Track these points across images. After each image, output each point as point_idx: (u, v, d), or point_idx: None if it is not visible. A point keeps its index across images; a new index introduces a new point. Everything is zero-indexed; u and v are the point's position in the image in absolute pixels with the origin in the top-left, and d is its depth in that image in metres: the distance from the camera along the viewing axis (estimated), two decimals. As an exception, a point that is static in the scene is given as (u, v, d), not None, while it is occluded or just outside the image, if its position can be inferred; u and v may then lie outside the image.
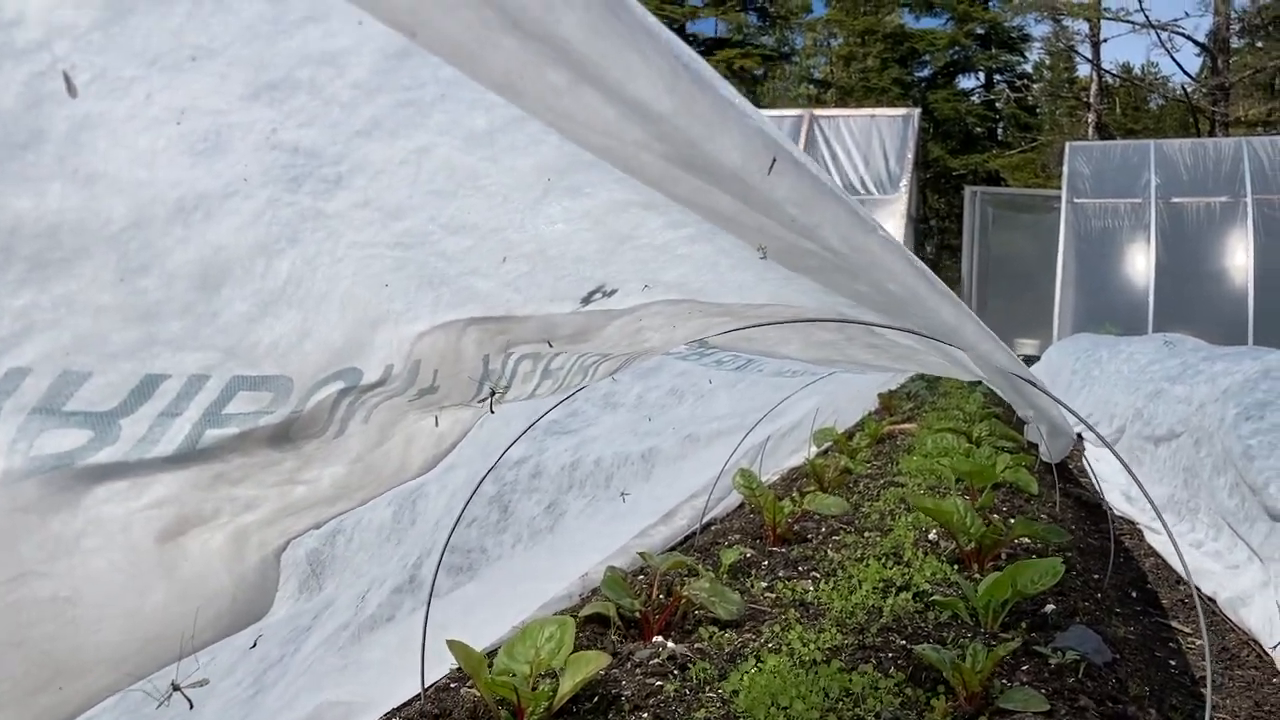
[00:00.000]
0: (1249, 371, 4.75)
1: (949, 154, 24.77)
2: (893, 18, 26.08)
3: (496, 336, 1.25)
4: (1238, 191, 15.84)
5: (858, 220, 1.03)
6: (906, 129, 17.43)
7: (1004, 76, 26.54)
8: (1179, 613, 3.53)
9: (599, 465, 2.79)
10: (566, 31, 0.56)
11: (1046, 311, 16.46)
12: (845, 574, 3.15)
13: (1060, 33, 24.36)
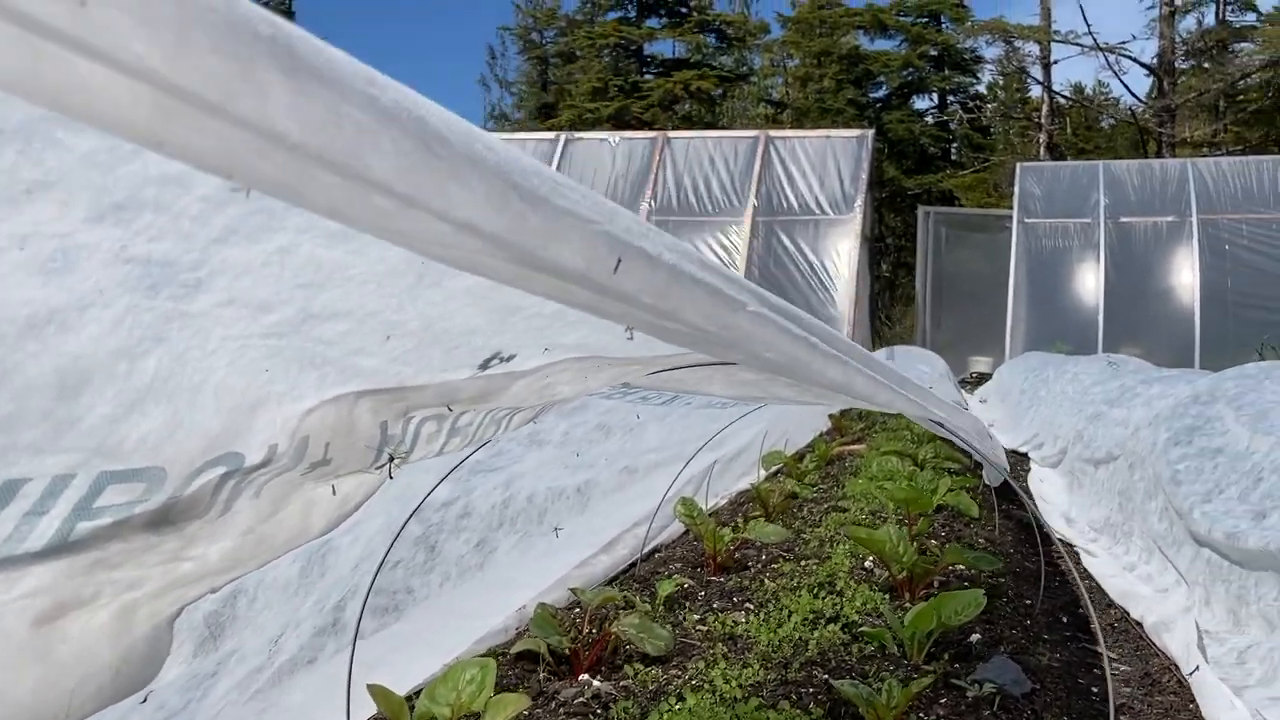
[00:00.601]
0: (1180, 396, 4.87)
1: (904, 174, 25.09)
2: (848, 39, 26.41)
3: (393, 404, 1.28)
4: (1183, 211, 16.18)
5: (723, 300, 1.07)
6: (860, 150, 17.63)
7: (957, 97, 26.94)
8: (1108, 638, 3.60)
9: (532, 501, 2.82)
10: (379, 174, 0.60)
11: (1000, 329, 16.69)
12: (778, 605, 3.19)
13: (1012, 54, 24.80)
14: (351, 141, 0.59)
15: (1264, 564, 3.08)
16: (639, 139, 18.92)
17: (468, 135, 0.73)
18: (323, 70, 0.58)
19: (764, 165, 17.70)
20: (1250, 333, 14.60)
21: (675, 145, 18.38)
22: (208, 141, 0.54)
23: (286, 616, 1.88)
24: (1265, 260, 15.46)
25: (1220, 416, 4.34)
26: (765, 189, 17.55)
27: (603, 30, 25.49)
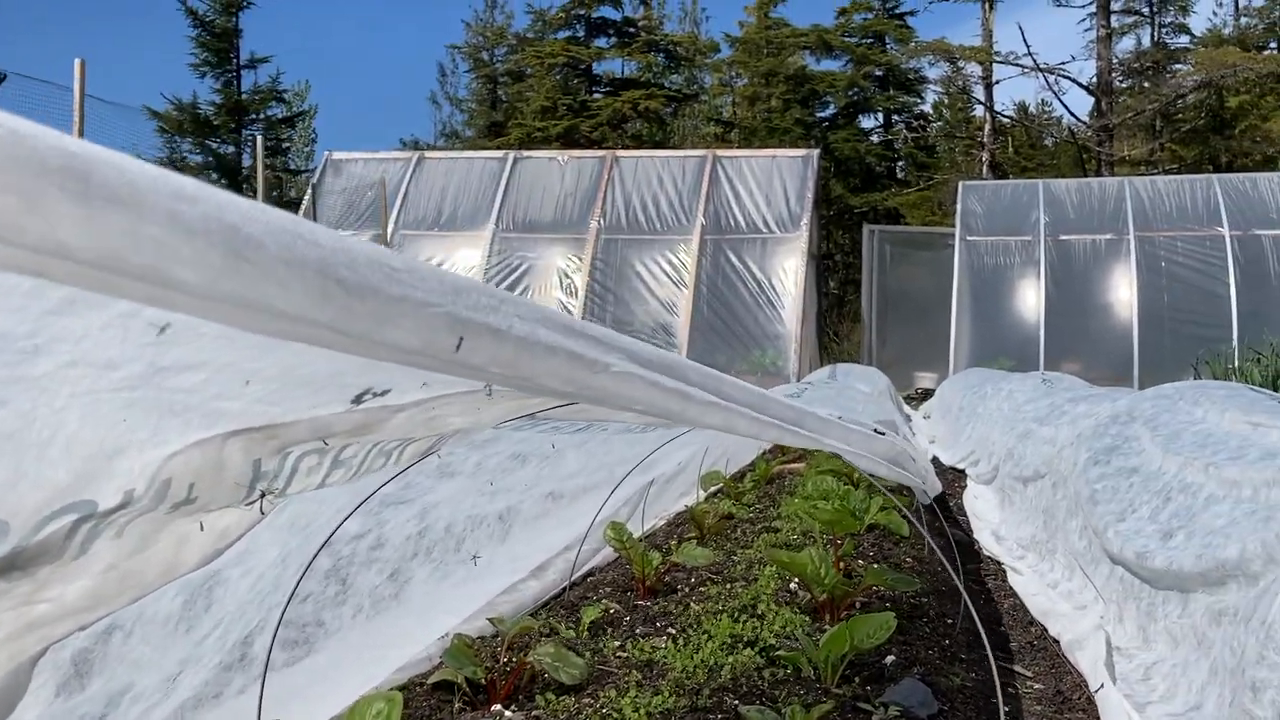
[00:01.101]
0: (1101, 416, 4.98)
1: (850, 192, 25.39)
2: (794, 60, 26.72)
3: (266, 442, 1.30)
4: (1121, 229, 16.52)
5: (583, 364, 1.09)
6: (806, 169, 17.82)
7: (902, 117, 27.34)
8: (1026, 655, 3.68)
9: (450, 531, 2.83)
10: (185, 283, 0.62)
11: (944, 345, 16.91)
12: (699, 629, 3.22)
13: (955, 74, 25.25)
14: (151, 257, 0.61)
15: (1168, 583, 3.17)
16: (588, 157, 19.00)
17: (289, 236, 0.75)
18: (121, 194, 0.60)
19: (712, 184, 17.85)
20: (1187, 348, 14.90)
21: (624, 164, 18.47)
22: (10, 254, 0.57)
23: (185, 652, 1.87)
24: (1200, 277, 15.83)
25: (1137, 436, 4.44)
26: (713, 208, 17.69)
27: (551, 49, 25.58)
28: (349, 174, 19.24)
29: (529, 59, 26.52)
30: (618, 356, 1.22)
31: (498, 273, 17.66)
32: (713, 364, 10.05)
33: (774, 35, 26.51)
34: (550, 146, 22.84)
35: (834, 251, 27.46)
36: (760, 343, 16.77)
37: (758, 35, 26.82)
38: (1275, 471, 2.97)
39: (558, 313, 1.10)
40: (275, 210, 0.72)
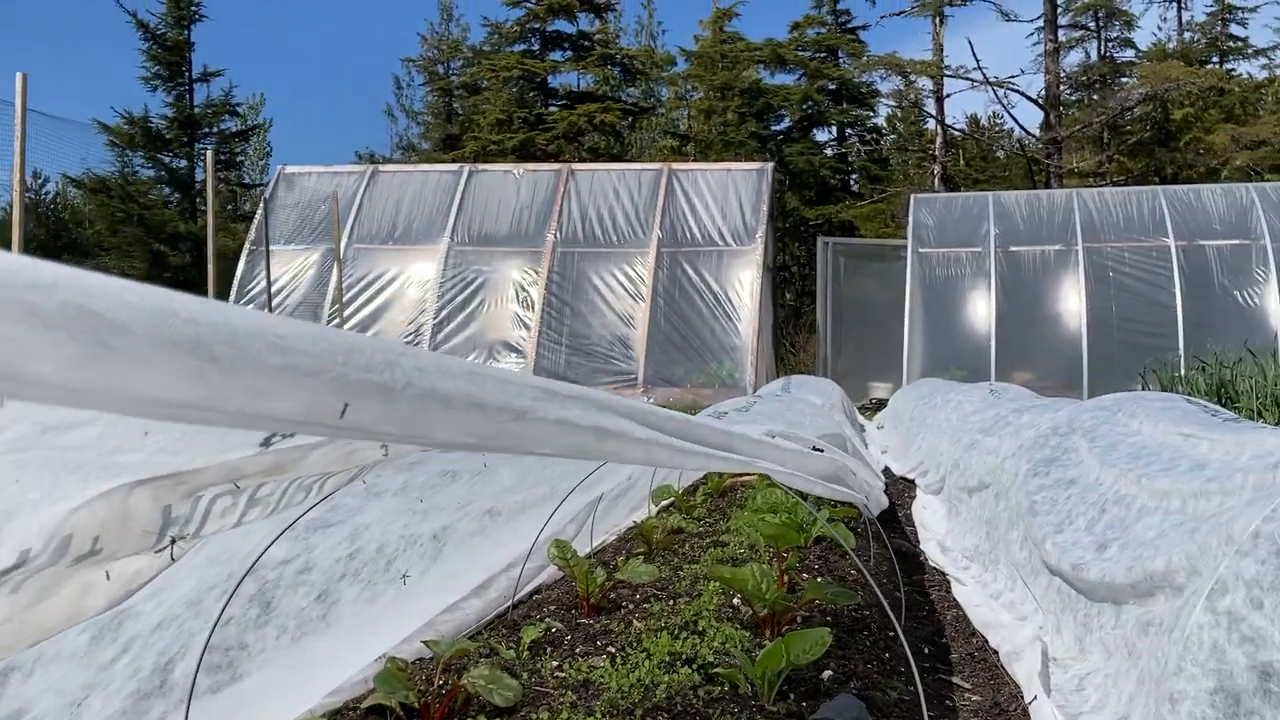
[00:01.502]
0: (1042, 427, 5.04)
1: (805, 204, 25.59)
2: (749, 73, 26.92)
3: (175, 489, 1.28)
4: (1070, 240, 16.78)
5: (487, 414, 1.07)
6: (761, 182, 17.96)
7: (855, 130, 27.63)
8: (966, 667, 3.71)
9: (381, 551, 2.80)
10: (44, 377, 0.61)
11: (898, 356, 17.06)
12: (639, 647, 3.22)
13: (907, 88, 25.55)
14: (3, 355, 0.59)
15: (1103, 594, 3.21)
16: (543, 171, 19.01)
17: (161, 316, 0.72)
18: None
19: (668, 197, 17.93)
20: (1134, 357, 15.13)
21: (580, 177, 18.51)
22: None
23: (90, 677, 1.84)
24: (1146, 287, 16.11)
25: (1076, 448, 4.50)
26: (669, 220, 17.76)
27: (506, 62, 25.57)
28: (302, 188, 19.10)
29: (484, 72, 26.49)
30: (535, 398, 1.19)
31: (452, 286, 17.60)
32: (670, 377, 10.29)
33: (729, 49, 26.70)
34: (506, 159, 22.82)
35: (790, 264, 27.64)
36: (717, 355, 16.83)
37: (712, 49, 27.00)
38: (1203, 483, 3.02)
39: (462, 364, 1.06)
40: (149, 290, 0.70)
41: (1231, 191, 17.15)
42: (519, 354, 16.92)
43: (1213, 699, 2.05)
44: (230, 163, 28.10)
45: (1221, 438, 3.41)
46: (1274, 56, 28.50)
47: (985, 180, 28.59)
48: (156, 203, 24.68)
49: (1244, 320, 15.41)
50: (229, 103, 26.10)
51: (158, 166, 25.21)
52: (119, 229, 23.34)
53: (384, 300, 17.73)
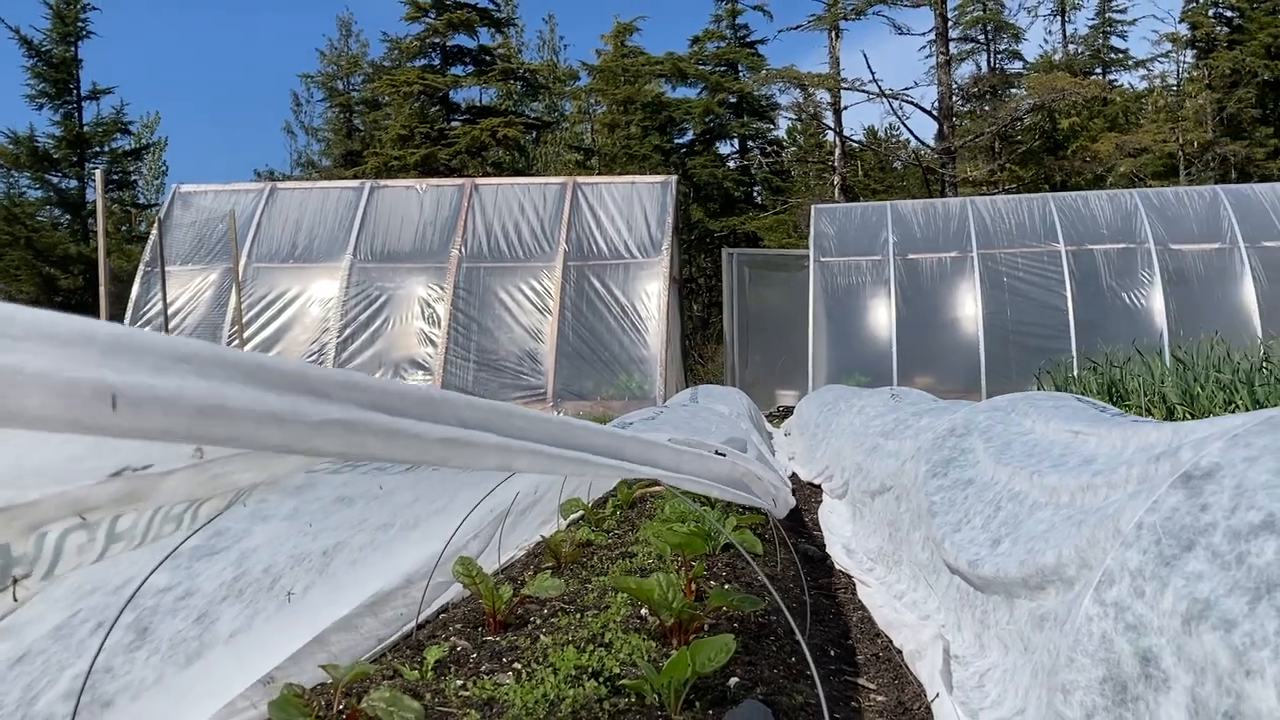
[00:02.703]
0: (939, 429, 5.14)
1: (710, 216, 25.84)
2: (651, 87, 27.11)
3: (10, 524, 1.21)
4: (965, 247, 17.23)
5: (276, 423, 0.97)
6: (665, 195, 18.07)
7: (757, 142, 28.02)
8: (871, 668, 3.75)
9: (268, 571, 2.72)
10: None
11: (804, 363, 17.31)
12: (546, 662, 3.18)
13: (806, 101, 26.01)
14: None
15: (997, 589, 3.27)
16: (447, 186, 18.87)
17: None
18: None
19: (573, 211, 17.95)
20: (1029, 359, 15.60)
21: (484, 192, 18.41)
22: None
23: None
24: (1039, 291, 16.62)
25: (972, 448, 4.60)
26: (575, 234, 17.77)
27: (407, 77, 25.31)
28: (198, 207, 18.64)
29: (384, 87, 26.18)
30: (339, 407, 1.04)
31: (356, 304, 17.34)
32: (580, 390, 10.24)
33: (630, 64, 26.87)
34: (409, 175, 22.58)
35: (697, 275, 27.87)
36: (626, 367, 16.87)
37: (614, 63, 27.13)
38: (1090, 477, 3.11)
39: (265, 361, 0.91)
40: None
41: (1117, 197, 17.83)
42: (426, 371, 16.73)
43: (1102, 687, 2.10)
44: (124, 182, 27.30)
45: (1108, 433, 3.52)
46: (1152, 68, 29.80)
47: (884, 190, 29.24)
48: (45, 225, 23.80)
49: (1132, 320, 16.01)
50: (121, 121, 25.35)
51: (45, 187, 24.34)
52: (4, 252, 22.43)
53: (286, 320, 17.37)
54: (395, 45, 27.27)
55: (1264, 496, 1.97)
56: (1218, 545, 1.99)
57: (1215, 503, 2.07)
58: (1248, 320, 15.95)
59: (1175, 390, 10.11)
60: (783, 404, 18.51)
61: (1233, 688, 1.81)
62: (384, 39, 27.47)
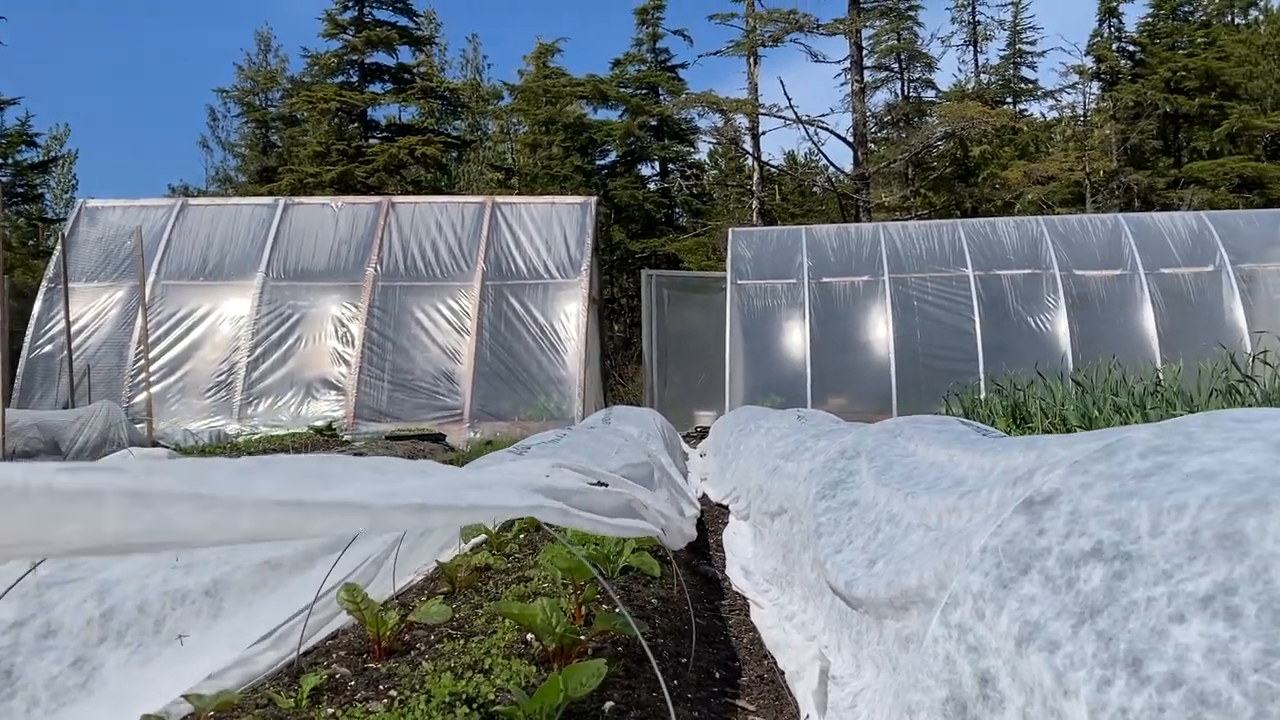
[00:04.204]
0: (831, 451, 5.23)
1: (630, 238, 25.98)
2: (573, 108, 27.21)
3: None
4: (877, 271, 17.56)
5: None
6: (585, 216, 18.13)
7: (677, 165, 28.27)
8: (754, 690, 3.79)
9: (144, 611, 2.67)
10: None
11: (721, 385, 17.44)
12: (422, 689, 3.16)
13: (726, 125, 26.33)
14: None
15: (869, 609, 3.34)
16: (363, 204, 18.71)
17: None
18: None
19: (492, 230, 17.91)
20: (939, 381, 15.92)
21: (401, 210, 18.29)
22: None
23: None
24: (949, 315, 17.00)
25: (859, 470, 4.69)
26: (494, 254, 17.73)
27: (324, 94, 25.04)
28: (105, 222, 18.21)
29: (301, 103, 25.87)
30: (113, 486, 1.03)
31: (268, 322, 17.07)
32: (497, 411, 10.22)
33: (552, 84, 26.94)
34: (325, 192, 22.32)
35: (619, 296, 27.96)
36: (545, 388, 16.85)
37: (536, 84, 27.18)
38: (955, 499, 3.19)
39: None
40: None
41: (1024, 224, 18.33)
42: (339, 391, 16.51)
43: (945, 708, 2.16)
44: (30, 196, 26.55)
45: (979, 457, 3.61)
46: (1061, 98, 30.76)
47: (803, 214, 29.69)
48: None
49: (1038, 344, 16.45)
50: (25, 132, 24.68)
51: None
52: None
53: (195, 338, 17.02)
54: (315, 61, 26.97)
55: (1095, 523, 2.05)
56: (1051, 570, 2.06)
57: (1052, 528, 2.15)
58: (1147, 344, 16.50)
59: (1075, 413, 10.41)
60: (701, 424, 18.62)
61: (1055, 708, 1.88)
62: (304, 55, 27.18)
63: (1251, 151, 28.83)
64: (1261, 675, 1.47)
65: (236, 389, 16.59)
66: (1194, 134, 28.83)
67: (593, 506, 3.19)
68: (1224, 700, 1.50)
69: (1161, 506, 1.91)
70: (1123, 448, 2.25)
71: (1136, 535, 1.93)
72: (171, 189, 32.34)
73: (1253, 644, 1.52)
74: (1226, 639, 1.58)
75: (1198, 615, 1.65)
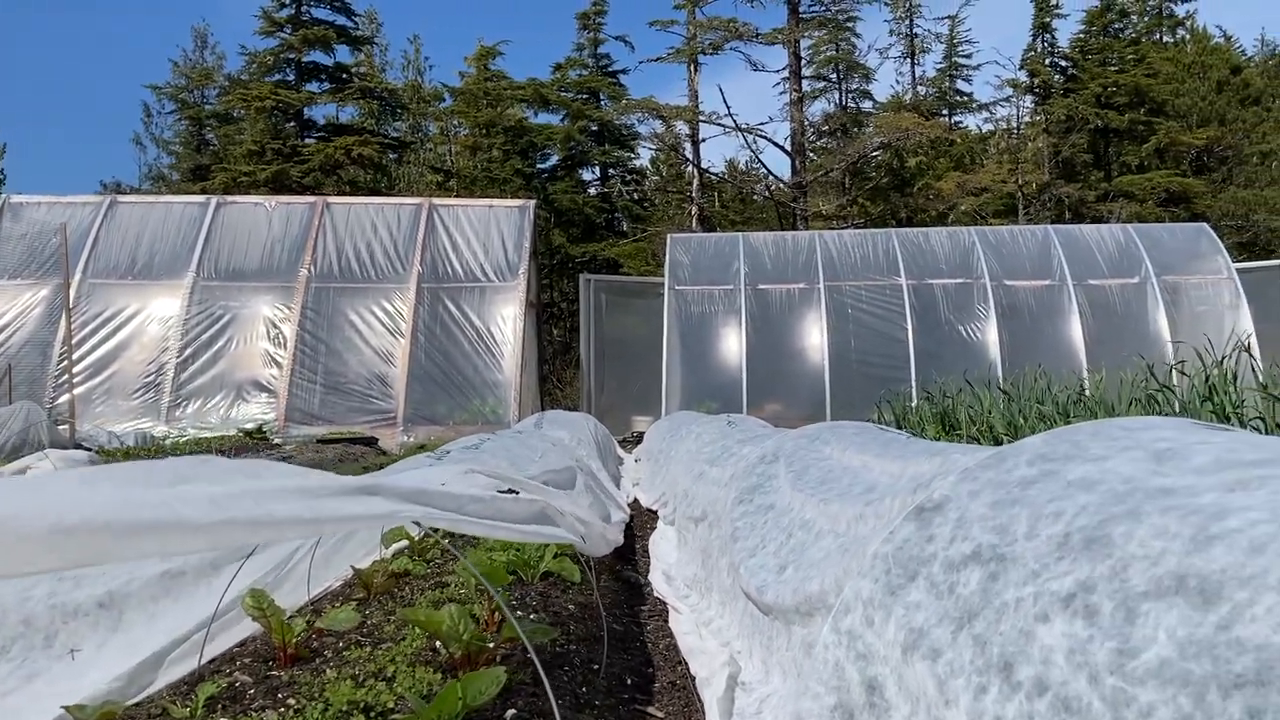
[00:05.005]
0: (751, 456, 5.24)
1: (570, 242, 25.92)
2: (513, 111, 27.10)
3: None
4: (813, 279, 17.70)
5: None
6: (523, 219, 18.05)
7: (618, 170, 28.28)
8: (665, 696, 3.78)
9: (30, 624, 2.58)
10: None
11: (659, 390, 17.45)
12: (320, 698, 3.10)
13: (666, 132, 26.41)
14: None
15: (778, 615, 3.34)
16: (297, 204, 18.45)
17: None
18: None
19: (428, 232, 17.77)
20: (872, 387, 16.08)
21: (335, 211, 18.06)
22: None
23: None
24: (880, 322, 17.19)
25: (777, 475, 4.70)
26: (430, 256, 17.59)
27: (259, 92, 24.65)
28: (30, 219, 17.75)
29: (236, 101, 25.45)
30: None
31: (199, 323, 16.75)
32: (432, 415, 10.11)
33: (492, 87, 26.81)
34: (259, 192, 21.97)
35: (559, 300, 27.88)
36: (480, 391, 16.73)
37: (477, 86, 27.02)
38: (863, 506, 3.20)
39: None
40: None
41: (956, 234, 18.61)
42: (270, 393, 16.24)
43: (833, 715, 2.15)
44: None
45: (890, 463, 3.64)
46: (995, 111, 31.30)
47: (743, 221, 29.86)
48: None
49: (967, 352, 16.70)
50: (-53, 125, 23.94)
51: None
52: None
53: (123, 338, 16.65)
54: (253, 59, 26.56)
55: (978, 529, 2.06)
56: (936, 576, 2.06)
57: (940, 534, 2.16)
58: (1075, 353, 16.83)
59: (1001, 421, 10.55)
60: (638, 429, 18.60)
61: (938, 717, 1.88)
62: (242, 52, 26.75)
63: (1178, 167, 29.60)
64: (1117, 679, 1.47)
65: (165, 390, 16.25)
66: (1124, 148, 29.52)
67: (500, 514, 3.14)
68: (1084, 705, 1.51)
69: (1041, 513, 1.93)
70: (1012, 455, 2.26)
71: (1013, 539, 1.94)
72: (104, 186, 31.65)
73: (1108, 644, 1.53)
74: (1085, 638, 1.59)
75: (1060, 614, 1.65)
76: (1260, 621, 1.31)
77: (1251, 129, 31.35)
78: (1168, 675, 1.38)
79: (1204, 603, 1.42)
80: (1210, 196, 28.19)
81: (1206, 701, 1.29)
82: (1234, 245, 25.93)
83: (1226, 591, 1.39)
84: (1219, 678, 1.29)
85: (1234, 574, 1.41)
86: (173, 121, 31.84)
